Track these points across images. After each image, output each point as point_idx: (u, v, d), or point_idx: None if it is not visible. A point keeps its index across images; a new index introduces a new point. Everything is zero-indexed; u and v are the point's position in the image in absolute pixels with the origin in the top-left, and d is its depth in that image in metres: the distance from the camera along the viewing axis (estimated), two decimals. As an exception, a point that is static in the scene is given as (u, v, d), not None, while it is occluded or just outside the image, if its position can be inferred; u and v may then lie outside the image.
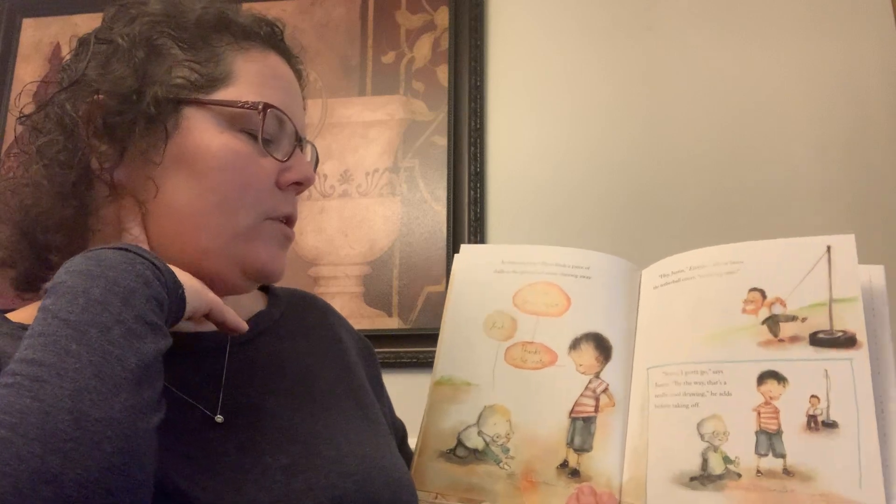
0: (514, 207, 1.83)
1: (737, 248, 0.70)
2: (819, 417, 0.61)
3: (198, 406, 0.73)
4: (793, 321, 0.64)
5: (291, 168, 0.79)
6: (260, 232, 0.76)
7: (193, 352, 0.77)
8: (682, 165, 1.79)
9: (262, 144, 0.76)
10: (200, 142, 0.74)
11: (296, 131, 0.80)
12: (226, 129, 0.75)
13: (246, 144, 0.76)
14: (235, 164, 0.75)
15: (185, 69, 0.76)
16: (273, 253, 0.78)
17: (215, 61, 0.77)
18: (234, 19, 0.80)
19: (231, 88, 0.76)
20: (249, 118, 0.76)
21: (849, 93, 1.76)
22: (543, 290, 0.75)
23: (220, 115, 0.76)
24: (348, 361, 0.90)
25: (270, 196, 0.77)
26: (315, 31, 1.99)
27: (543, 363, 0.72)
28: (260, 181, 0.76)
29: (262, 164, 0.77)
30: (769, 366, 0.64)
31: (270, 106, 0.76)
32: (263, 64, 0.80)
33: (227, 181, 0.74)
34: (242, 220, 0.75)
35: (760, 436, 0.62)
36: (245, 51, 0.79)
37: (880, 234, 1.67)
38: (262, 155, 0.77)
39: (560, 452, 0.68)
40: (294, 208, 0.81)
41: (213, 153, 0.74)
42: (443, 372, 0.74)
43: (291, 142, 0.79)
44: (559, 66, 1.89)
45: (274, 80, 0.80)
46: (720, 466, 0.62)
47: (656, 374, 0.68)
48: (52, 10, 2.03)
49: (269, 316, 0.87)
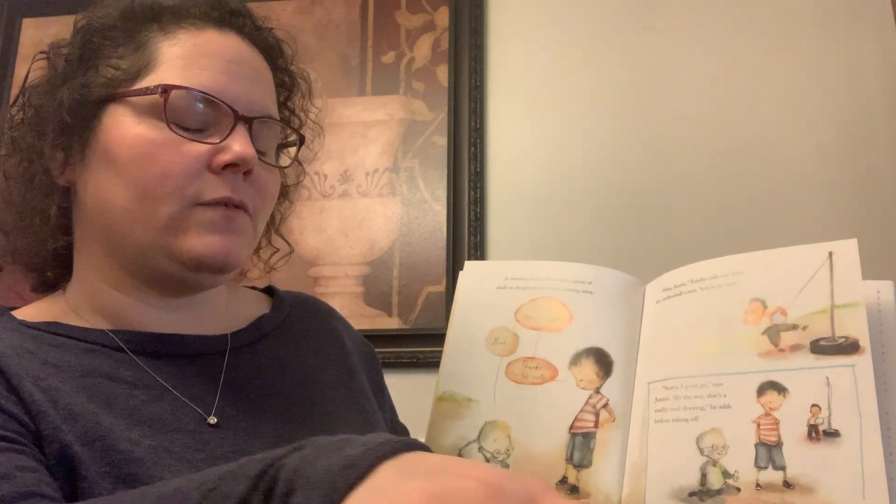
0: (514, 207, 1.83)
1: (737, 260, 0.69)
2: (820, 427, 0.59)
3: (195, 408, 0.73)
4: (793, 330, 0.63)
5: (223, 149, 0.73)
6: (188, 220, 0.73)
7: (195, 354, 0.78)
8: (681, 162, 1.78)
9: (170, 128, 0.73)
10: (117, 135, 0.73)
11: (231, 110, 0.75)
12: (142, 119, 0.73)
13: (163, 132, 0.73)
14: (150, 153, 0.72)
15: (109, 67, 0.75)
16: (209, 240, 0.73)
17: (140, 53, 0.76)
18: (164, 4, 0.78)
19: (151, 76, 0.74)
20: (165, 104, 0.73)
21: (849, 92, 1.75)
22: (545, 305, 0.74)
23: (135, 106, 0.74)
24: (350, 365, 0.90)
25: (198, 181, 0.73)
26: (315, 31, 1.98)
27: (544, 378, 0.71)
28: (181, 167, 0.72)
29: (183, 150, 0.73)
30: (769, 376, 0.62)
31: (175, 87, 0.73)
32: (191, 43, 0.76)
33: (143, 172, 0.72)
34: (165, 210, 0.72)
35: (760, 448, 0.61)
36: (171, 34, 0.76)
37: (880, 233, 1.66)
38: (185, 141, 0.73)
39: (559, 468, 0.67)
40: (239, 192, 0.75)
41: (127, 144, 0.73)
42: (444, 388, 0.74)
43: (229, 121, 0.74)
44: (559, 65, 1.88)
45: (203, 58, 0.75)
46: (719, 481, 0.61)
47: (657, 388, 0.67)
48: (52, 10, 2.04)
49: (273, 319, 0.87)
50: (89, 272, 0.78)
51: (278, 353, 0.84)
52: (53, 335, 0.73)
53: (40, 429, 0.64)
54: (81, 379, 0.70)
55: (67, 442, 0.64)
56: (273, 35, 0.85)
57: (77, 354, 0.72)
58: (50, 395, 0.66)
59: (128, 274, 0.76)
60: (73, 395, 0.67)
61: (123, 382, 0.71)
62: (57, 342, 0.72)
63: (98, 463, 0.64)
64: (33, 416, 0.64)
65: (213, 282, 0.79)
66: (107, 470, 0.64)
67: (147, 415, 0.70)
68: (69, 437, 0.64)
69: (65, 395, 0.67)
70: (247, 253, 0.78)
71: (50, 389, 0.66)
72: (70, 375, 0.69)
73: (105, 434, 0.65)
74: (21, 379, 0.66)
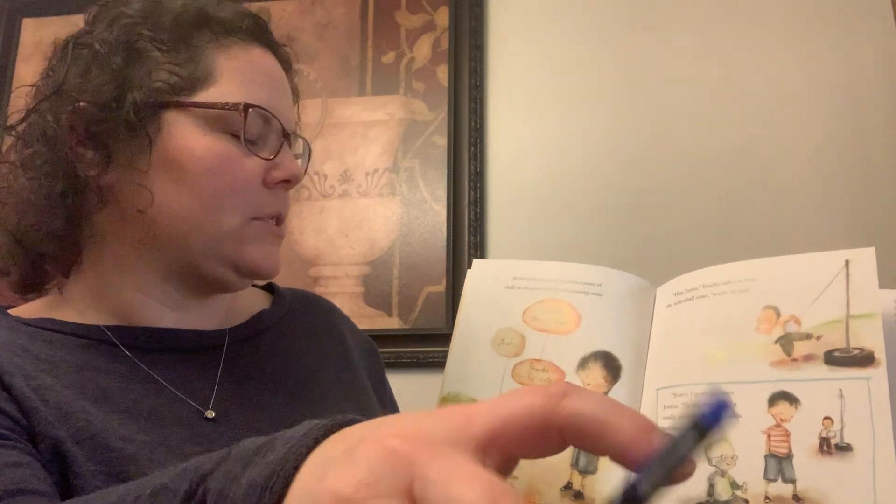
0: (514, 207, 1.83)
1: (752, 265, 0.67)
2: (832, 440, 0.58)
3: (192, 403, 0.73)
4: (807, 339, 0.62)
5: (278, 166, 0.77)
6: (247, 233, 0.76)
7: (191, 349, 0.78)
8: (680, 161, 1.78)
9: (245, 145, 0.75)
10: (184, 146, 0.73)
11: (282, 127, 0.78)
12: (209, 131, 0.74)
13: (229, 145, 0.74)
14: (219, 167, 0.74)
15: (164, 72, 0.74)
16: (267, 251, 0.77)
17: (196, 61, 0.75)
18: (214, 15, 0.78)
19: (213, 89, 0.75)
20: (232, 119, 0.74)
21: (849, 92, 1.75)
22: (553, 306, 0.73)
23: (202, 117, 0.74)
24: (351, 362, 0.90)
25: (256, 196, 0.76)
26: (315, 31, 1.97)
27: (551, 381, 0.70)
28: (245, 182, 0.75)
29: (246, 165, 0.75)
30: (781, 386, 0.61)
31: (252, 105, 0.75)
32: (246, 59, 0.78)
33: (211, 184, 0.73)
34: (228, 222, 0.74)
35: (770, 460, 0.59)
36: (226, 48, 0.77)
37: (881, 234, 1.66)
38: (247, 155, 0.75)
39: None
40: (283, 206, 0.79)
41: (197, 157, 0.73)
42: (449, 388, 0.73)
43: (278, 138, 0.78)
44: (559, 65, 1.88)
45: (257, 75, 0.78)
46: (727, 492, 0.60)
47: (665, 395, 0.66)
48: (52, 10, 2.01)
49: (272, 315, 0.87)
50: (107, 269, 0.77)
51: (277, 348, 0.84)
52: (48, 331, 0.73)
53: (33, 425, 0.64)
54: (76, 375, 0.69)
55: (61, 438, 0.64)
56: (287, 50, 0.86)
57: (72, 350, 0.72)
58: (41, 394, 0.66)
59: (160, 277, 0.76)
60: (65, 393, 0.67)
61: (119, 377, 0.71)
62: (51, 338, 0.72)
63: (90, 461, 0.64)
64: (26, 413, 0.64)
65: (248, 285, 0.82)
66: (99, 468, 0.64)
67: (143, 409, 0.70)
68: (62, 433, 0.64)
69: (56, 392, 0.66)
70: None
71: (41, 388, 0.66)
72: (64, 372, 0.69)
73: (97, 433, 0.65)
74: (13, 377, 0.65)
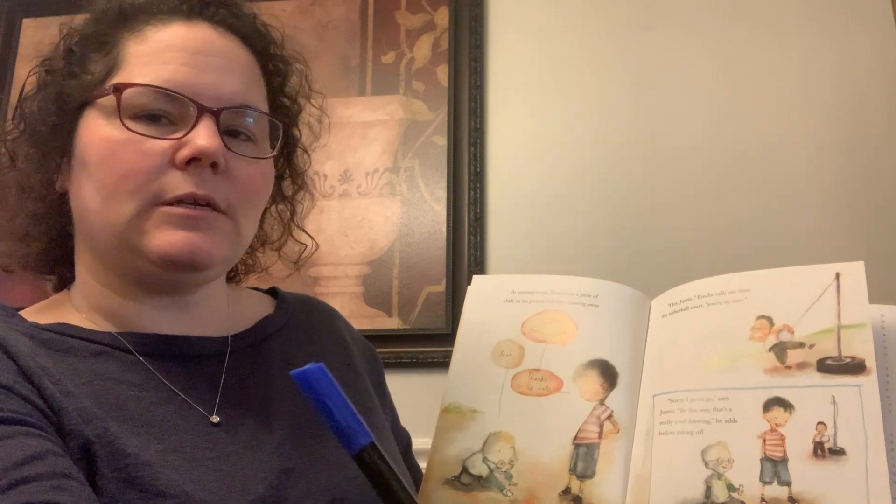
0: (513, 207, 1.83)
1: (745, 277, 0.69)
2: (826, 444, 0.59)
3: (200, 409, 0.74)
4: (800, 348, 0.64)
5: (186, 143, 0.71)
6: (148, 220, 0.71)
7: (199, 355, 0.78)
8: (679, 161, 1.79)
9: (125, 127, 0.71)
10: (88, 139, 0.74)
11: (194, 102, 0.72)
12: (109, 120, 0.73)
13: (127, 132, 0.71)
14: (111, 153, 0.71)
15: (85, 74, 0.76)
16: (171, 237, 0.71)
17: (108, 55, 0.75)
18: (134, 4, 0.77)
19: (116, 77, 0.74)
20: (128, 102, 0.72)
21: (849, 92, 1.76)
22: (552, 318, 0.74)
23: (102, 108, 0.74)
24: (353, 367, 0.90)
25: (159, 179, 0.71)
26: (315, 31, 1.98)
27: (549, 390, 0.72)
28: (142, 166, 0.71)
29: (144, 148, 0.71)
30: (775, 392, 0.63)
31: (129, 85, 0.72)
32: (157, 39, 0.75)
33: (103, 173, 0.72)
34: (123, 210, 0.71)
35: (765, 463, 0.61)
36: (138, 32, 0.76)
37: (881, 234, 1.67)
38: (150, 138, 0.71)
39: (562, 479, 0.67)
40: (200, 185, 0.72)
41: (93, 148, 0.73)
42: (450, 400, 0.74)
43: (194, 114, 0.72)
44: (559, 65, 1.88)
45: (165, 52, 0.74)
46: (724, 494, 0.61)
47: (662, 401, 0.67)
48: (52, 10, 2.03)
49: (276, 321, 0.88)
50: (86, 275, 0.78)
51: (282, 353, 0.85)
52: (63, 337, 0.73)
53: (63, 423, 0.65)
54: (90, 384, 0.70)
55: (89, 439, 0.65)
56: (257, 21, 0.82)
57: (86, 358, 0.72)
58: (66, 397, 0.67)
59: (117, 276, 0.76)
60: (83, 400, 0.68)
61: (131, 385, 0.72)
62: (66, 346, 0.73)
63: (107, 466, 0.65)
64: (56, 412, 0.65)
65: (192, 280, 0.77)
66: (115, 474, 0.65)
67: (156, 417, 0.70)
68: (89, 434, 0.65)
69: (77, 398, 0.67)
70: (226, 251, 0.75)
71: (65, 392, 0.67)
72: (80, 381, 0.70)
73: (113, 439, 0.66)
74: (41, 378, 0.66)
